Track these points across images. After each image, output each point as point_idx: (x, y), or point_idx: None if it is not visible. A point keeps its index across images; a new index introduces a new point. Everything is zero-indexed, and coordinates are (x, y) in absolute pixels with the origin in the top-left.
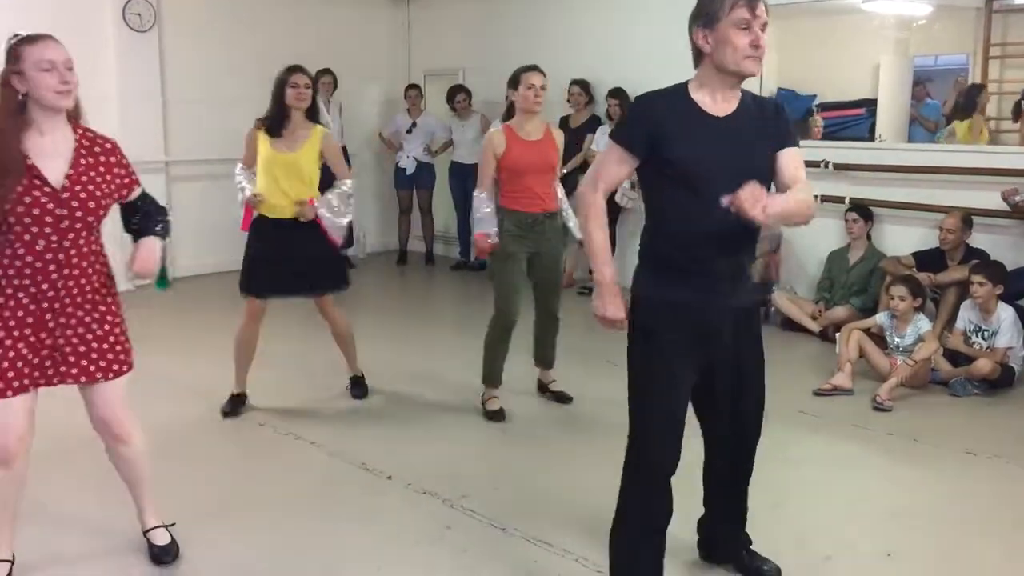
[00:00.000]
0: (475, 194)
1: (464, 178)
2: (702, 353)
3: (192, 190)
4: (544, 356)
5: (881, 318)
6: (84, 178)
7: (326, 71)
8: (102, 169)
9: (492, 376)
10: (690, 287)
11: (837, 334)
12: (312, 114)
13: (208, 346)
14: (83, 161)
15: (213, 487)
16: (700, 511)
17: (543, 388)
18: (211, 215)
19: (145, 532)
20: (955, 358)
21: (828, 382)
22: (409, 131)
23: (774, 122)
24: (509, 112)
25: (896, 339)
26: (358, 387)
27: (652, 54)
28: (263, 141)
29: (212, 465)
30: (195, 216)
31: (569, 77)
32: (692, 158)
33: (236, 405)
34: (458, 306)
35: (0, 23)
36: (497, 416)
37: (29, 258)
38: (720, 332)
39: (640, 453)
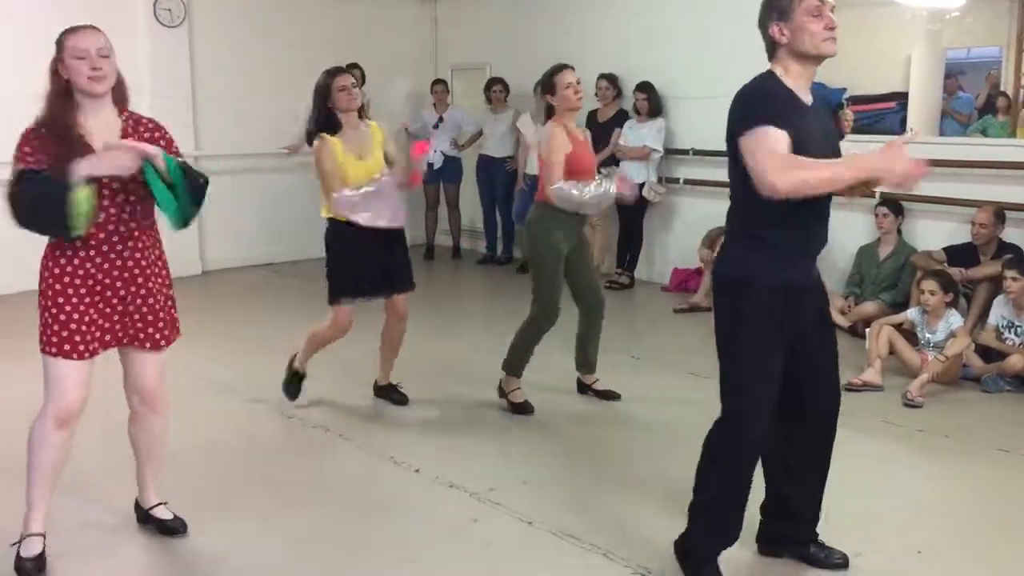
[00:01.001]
0: (560, 185)
1: (492, 171)
2: (793, 332)
3: (222, 184)
4: (588, 358)
5: (912, 313)
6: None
7: (354, 65)
8: (148, 141)
9: (517, 365)
10: (790, 268)
11: (867, 330)
12: (363, 112)
13: (237, 339)
14: (130, 138)
15: (241, 478)
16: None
17: (584, 388)
18: (241, 209)
19: (148, 509)
20: (987, 354)
21: (858, 378)
22: (436, 126)
23: (829, 112)
24: (548, 114)
25: (927, 335)
26: (395, 392)
27: (680, 47)
28: (338, 148)
29: (240, 456)
30: (225, 210)
31: (597, 71)
32: (802, 143)
33: (298, 381)
34: (485, 300)
35: (33, 19)
36: (524, 408)
37: (93, 229)
38: (808, 311)
39: (739, 428)
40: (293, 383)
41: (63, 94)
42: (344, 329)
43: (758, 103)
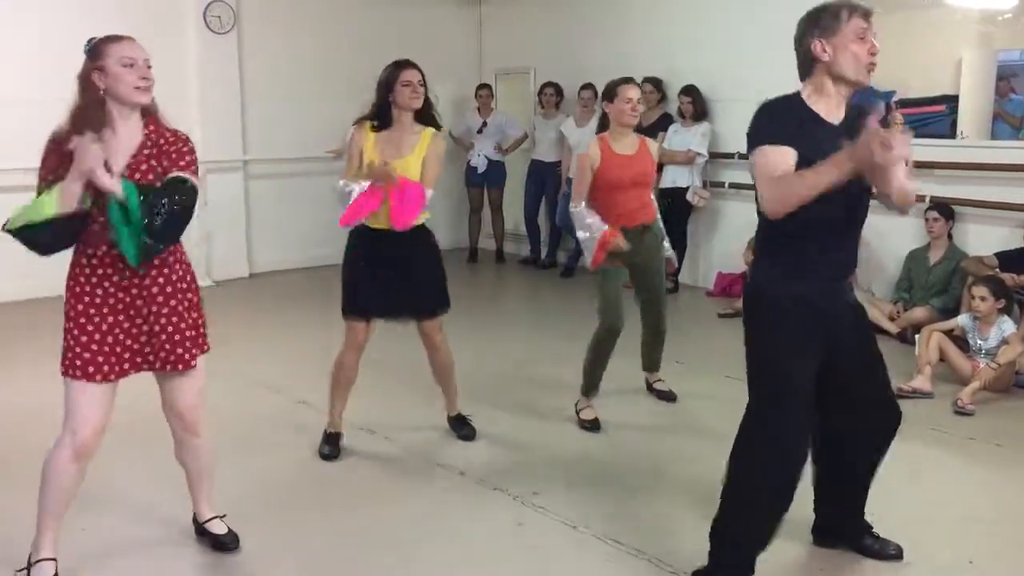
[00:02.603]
0: (573, 209)
1: (543, 176)
2: (824, 344)
3: (270, 188)
4: (651, 359)
5: (963, 320)
6: (144, 166)
7: None
8: (162, 158)
9: (591, 385)
10: (805, 283)
11: (916, 336)
12: (423, 115)
13: (282, 342)
14: (144, 152)
15: (285, 481)
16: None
17: (649, 388)
18: (288, 212)
19: (203, 523)
20: None
21: (907, 384)
22: (480, 130)
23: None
24: (603, 123)
25: (979, 341)
26: (463, 426)
27: (725, 50)
28: (368, 143)
29: (285, 458)
30: (272, 213)
31: (641, 75)
32: (815, 164)
33: (333, 445)
34: (530, 304)
35: (83, 27)
36: (592, 426)
37: (105, 247)
38: (838, 322)
39: (770, 440)
40: (329, 444)
41: (98, 105)
42: (353, 346)
43: (762, 121)
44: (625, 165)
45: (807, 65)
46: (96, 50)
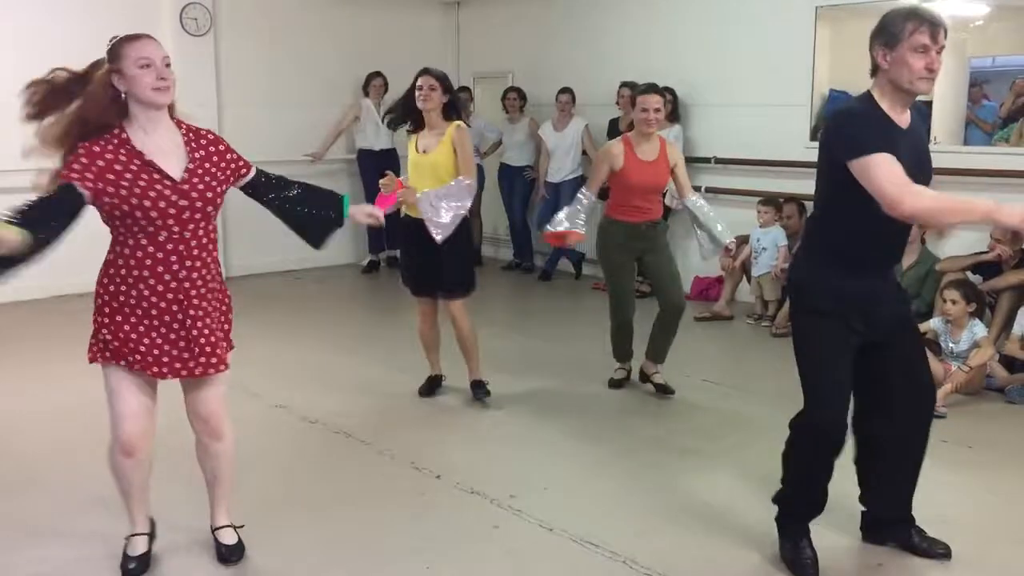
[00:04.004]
0: (584, 191)
1: (512, 179)
2: (867, 337)
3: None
4: (657, 350)
5: (935, 323)
6: (201, 170)
7: (377, 74)
8: (215, 159)
9: (618, 353)
10: (849, 277)
11: None
12: (449, 112)
13: (259, 346)
14: (196, 154)
15: (263, 484)
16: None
17: (645, 378)
18: (265, 216)
19: (214, 530)
20: (1011, 364)
21: None
22: None
23: (925, 129)
24: (629, 122)
25: (950, 344)
26: (479, 390)
27: (700, 55)
28: (411, 143)
29: (263, 462)
30: (251, 217)
31: (618, 79)
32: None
33: (432, 386)
34: (508, 308)
35: (56, 27)
36: (615, 384)
37: (151, 249)
38: (882, 318)
39: (812, 409)
40: (428, 384)
41: (114, 107)
42: (422, 316)
43: (865, 128)
44: (644, 172)
45: (874, 69)
46: (114, 52)
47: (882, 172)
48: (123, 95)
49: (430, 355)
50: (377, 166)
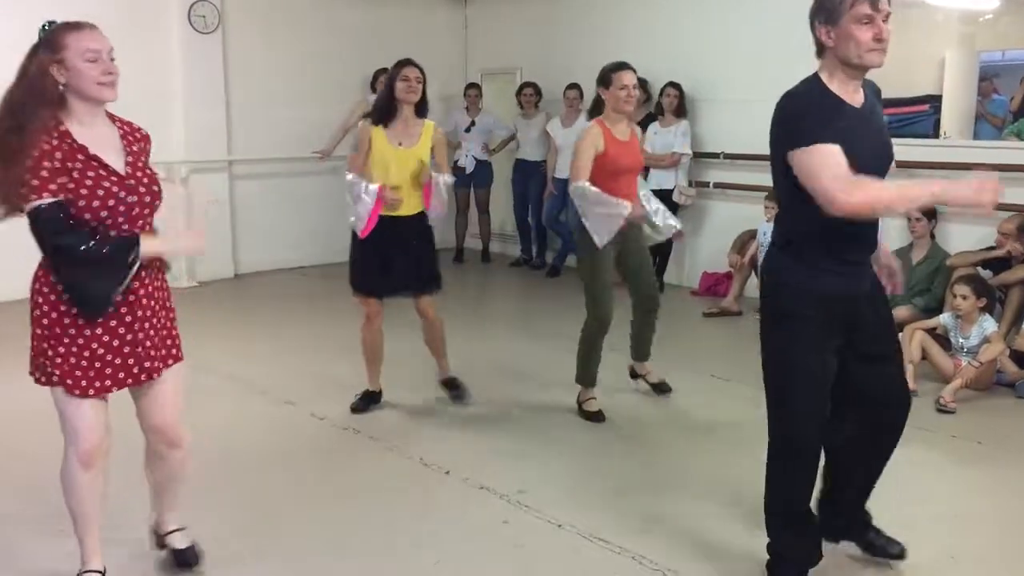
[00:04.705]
0: (579, 184)
1: (529, 175)
2: (842, 337)
3: (255, 188)
4: (640, 349)
5: (945, 318)
6: (139, 163)
7: (385, 70)
8: (146, 158)
9: (587, 376)
10: (838, 276)
11: (899, 334)
12: (421, 109)
13: (268, 342)
14: (133, 147)
15: (270, 480)
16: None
17: (635, 375)
18: (274, 213)
19: (165, 535)
20: (1021, 359)
21: None
22: (468, 130)
23: (881, 107)
24: (596, 107)
25: (960, 340)
26: (456, 388)
27: (709, 50)
28: (377, 136)
29: (270, 459)
30: (258, 214)
31: None
32: (849, 150)
33: (367, 401)
34: (516, 304)
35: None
36: (596, 417)
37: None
38: (858, 315)
39: (790, 431)
40: (364, 399)
41: (53, 101)
42: (372, 321)
43: (808, 116)
44: (624, 151)
45: (819, 50)
46: (55, 41)
47: (819, 165)
48: (62, 87)
49: (375, 366)
50: None
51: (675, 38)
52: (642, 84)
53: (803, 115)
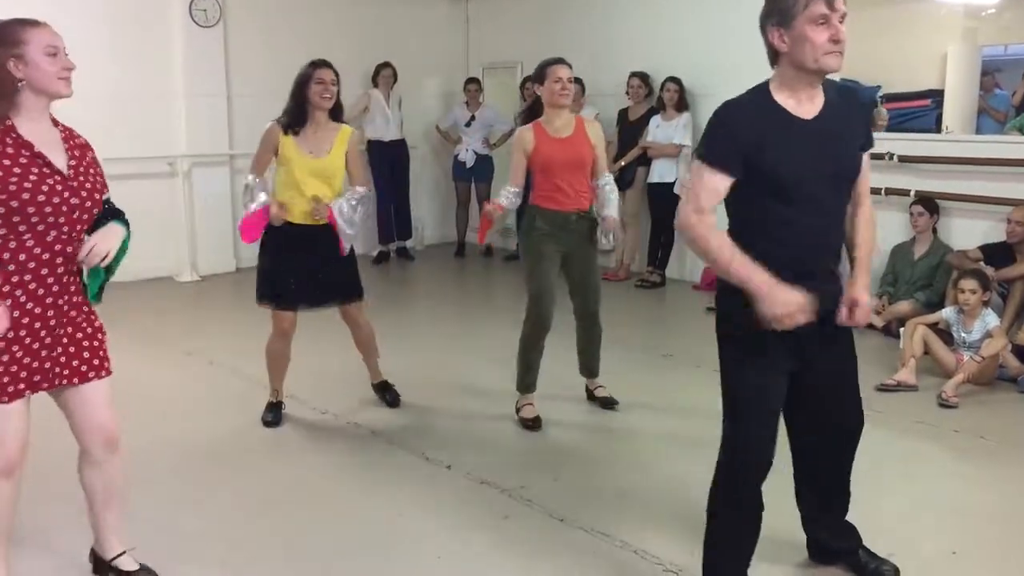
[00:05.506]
0: (508, 188)
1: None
2: (795, 357)
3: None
4: (588, 365)
5: (947, 313)
6: (81, 167)
7: (386, 64)
8: (88, 162)
9: (526, 383)
10: (796, 286)
11: (901, 329)
12: (336, 113)
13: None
14: (74, 152)
15: (274, 474)
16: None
17: (591, 395)
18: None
19: (111, 560)
20: (1023, 354)
21: (892, 377)
22: (468, 124)
23: (859, 118)
24: (533, 107)
25: (962, 334)
26: (387, 391)
27: (711, 44)
28: (286, 143)
29: (271, 454)
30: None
31: (628, 68)
32: (785, 167)
33: (279, 413)
34: (517, 298)
35: (66, 20)
36: (534, 424)
37: (38, 250)
38: (812, 335)
39: (737, 455)
40: (272, 412)
41: (8, 95)
42: (283, 333)
43: (719, 136)
44: (559, 148)
45: (772, 55)
46: (12, 35)
47: (697, 184)
48: (20, 82)
49: (280, 378)
50: (387, 157)
51: (676, 32)
52: (643, 79)
53: (714, 126)
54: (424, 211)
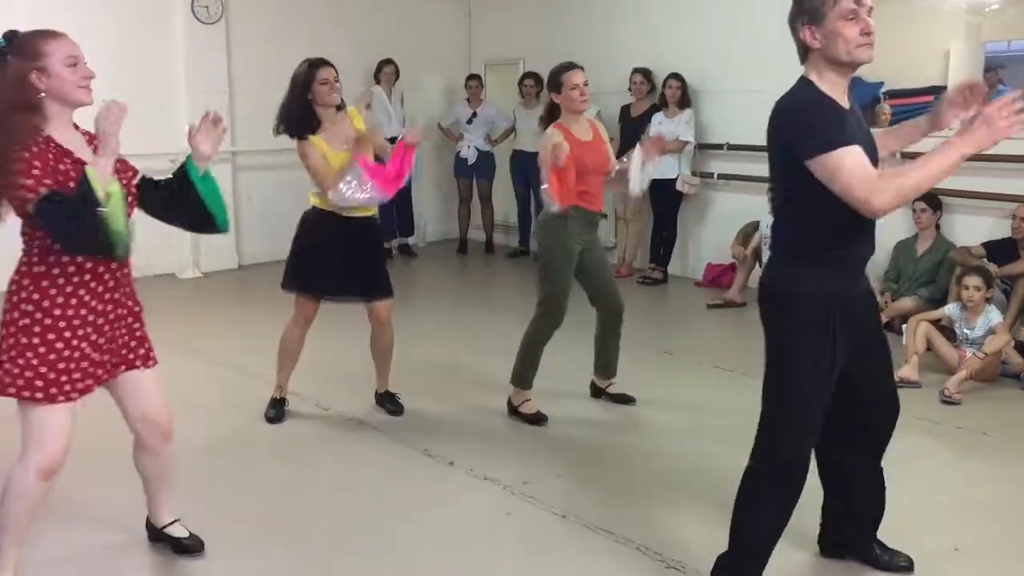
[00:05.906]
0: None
1: (526, 166)
2: (848, 341)
3: (258, 179)
4: (610, 364)
5: (950, 310)
6: (116, 168)
7: (388, 61)
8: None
9: (527, 378)
10: (843, 279)
11: (903, 326)
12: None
13: (272, 334)
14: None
15: (275, 471)
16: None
17: (599, 392)
18: (276, 204)
19: (163, 528)
20: None
21: (895, 374)
22: (470, 121)
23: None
24: (550, 112)
25: (965, 331)
26: (392, 402)
27: (714, 40)
28: (322, 145)
29: (276, 449)
30: (260, 205)
31: (630, 65)
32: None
33: (283, 409)
34: (518, 295)
35: (68, 16)
36: (539, 420)
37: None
38: (860, 318)
39: (784, 444)
40: (276, 408)
41: (34, 107)
42: (305, 321)
43: (818, 121)
44: (587, 151)
45: (803, 52)
46: (33, 48)
47: (848, 169)
48: (43, 94)
49: (287, 372)
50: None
51: (678, 29)
52: (646, 75)
53: (809, 121)
54: (426, 208)
